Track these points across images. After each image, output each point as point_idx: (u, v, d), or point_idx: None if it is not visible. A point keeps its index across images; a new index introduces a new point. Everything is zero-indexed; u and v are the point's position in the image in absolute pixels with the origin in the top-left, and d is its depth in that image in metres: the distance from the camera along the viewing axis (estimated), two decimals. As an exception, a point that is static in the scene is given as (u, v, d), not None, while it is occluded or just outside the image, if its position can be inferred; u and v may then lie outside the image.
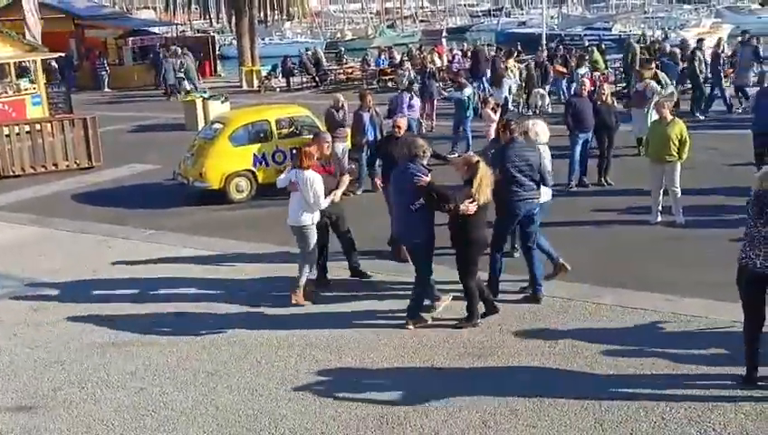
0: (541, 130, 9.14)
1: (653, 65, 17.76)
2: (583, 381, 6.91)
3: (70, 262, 10.99)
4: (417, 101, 17.77)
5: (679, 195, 11.29)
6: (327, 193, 8.95)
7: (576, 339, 7.71)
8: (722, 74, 20.64)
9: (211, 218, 13.07)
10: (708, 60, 21.24)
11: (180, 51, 31.70)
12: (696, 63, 20.19)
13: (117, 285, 9.95)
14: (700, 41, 22.00)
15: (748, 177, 8.40)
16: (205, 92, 25.24)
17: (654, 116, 13.04)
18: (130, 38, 36.52)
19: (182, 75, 29.97)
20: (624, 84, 24.50)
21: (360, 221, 10.55)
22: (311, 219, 8.80)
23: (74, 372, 7.61)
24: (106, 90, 34.01)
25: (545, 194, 8.96)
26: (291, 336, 8.11)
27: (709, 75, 20.89)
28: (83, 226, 12.87)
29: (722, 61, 20.79)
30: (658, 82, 16.23)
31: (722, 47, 22.31)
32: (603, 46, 27.70)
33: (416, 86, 20.00)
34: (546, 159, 9.11)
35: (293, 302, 8.83)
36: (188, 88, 29.23)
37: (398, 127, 10.52)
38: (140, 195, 14.88)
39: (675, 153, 11.10)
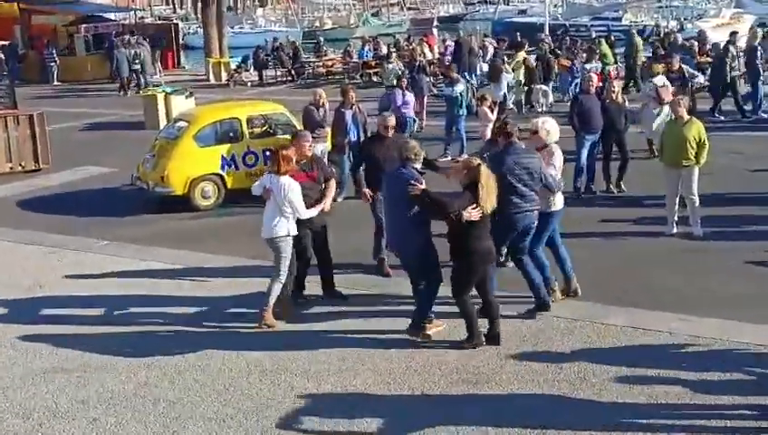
0: (552, 128, 9.19)
1: (677, 59, 17.85)
2: (590, 411, 6.92)
3: (13, 276, 10.92)
4: (411, 97, 17.82)
5: (697, 203, 11.35)
6: (313, 203, 8.97)
7: (583, 363, 7.74)
8: (760, 69, 20.47)
9: (174, 228, 13.04)
10: (739, 55, 21.20)
11: (134, 40, 31.65)
12: (729, 60, 19.90)
13: (67, 302, 9.90)
14: (733, 34, 21.67)
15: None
16: (159, 85, 25.17)
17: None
18: (83, 25, 36.44)
19: (138, 67, 29.96)
20: (625, 82, 24.42)
21: (342, 231, 10.56)
22: (286, 230, 8.78)
23: (18, 400, 7.55)
24: (55, 83, 33.94)
25: (559, 201, 9.02)
26: (263, 360, 8.09)
27: (742, 71, 20.88)
28: (29, 235, 12.82)
29: (758, 54, 20.67)
30: (683, 76, 16.35)
31: (758, 39, 22.15)
32: (612, 38, 27.79)
33: (404, 81, 20.03)
34: (558, 159, 9.15)
35: (263, 323, 8.82)
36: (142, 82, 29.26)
37: (388, 127, 10.36)
38: (94, 201, 14.84)
39: (692, 157, 11.16)
